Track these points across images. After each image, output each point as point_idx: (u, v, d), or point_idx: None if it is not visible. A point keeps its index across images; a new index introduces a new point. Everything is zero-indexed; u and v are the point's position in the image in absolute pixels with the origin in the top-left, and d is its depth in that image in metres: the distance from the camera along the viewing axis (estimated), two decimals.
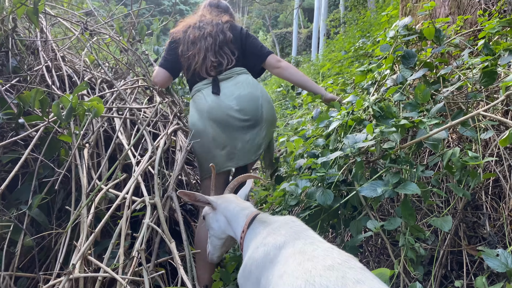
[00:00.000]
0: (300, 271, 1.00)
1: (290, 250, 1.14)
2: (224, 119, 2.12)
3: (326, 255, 1.05)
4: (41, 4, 1.71)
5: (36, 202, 1.54)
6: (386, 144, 1.69)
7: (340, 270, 0.95)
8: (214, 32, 2.24)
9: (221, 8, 2.44)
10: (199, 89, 2.22)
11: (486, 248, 1.32)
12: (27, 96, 1.51)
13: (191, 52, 2.21)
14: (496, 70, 1.61)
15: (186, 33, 2.26)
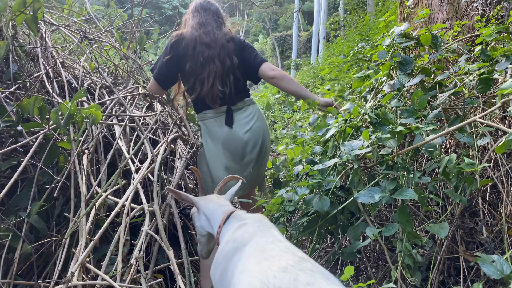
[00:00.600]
0: (258, 270, 1.07)
1: (253, 247, 1.22)
2: (238, 150, 2.21)
3: (281, 256, 1.11)
4: (40, 13, 1.72)
5: (35, 210, 1.55)
6: (383, 150, 1.69)
7: (292, 272, 1.02)
8: (222, 55, 2.19)
9: (214, 12, 2.33)
10: (213, 116, 2.24)
11: (482, 254, 1.32)
12: (26, 104, 1.52)
13: (201, 76, 2.17)
14: (493, 77, 1.61)
15: (195, 49, 2.16)
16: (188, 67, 2.17)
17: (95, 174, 2.10)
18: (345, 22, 13.45)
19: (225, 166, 2.21)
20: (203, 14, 2.28)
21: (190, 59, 2.17)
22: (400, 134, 1.63)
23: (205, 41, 2.18)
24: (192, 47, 2.17)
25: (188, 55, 2.17)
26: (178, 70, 2.22)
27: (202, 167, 2.26)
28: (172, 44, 2.21)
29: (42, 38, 2.39)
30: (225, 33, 2.26)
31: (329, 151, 1.92)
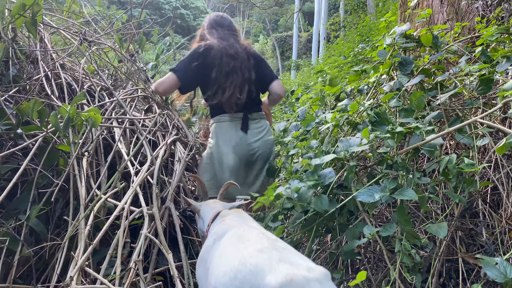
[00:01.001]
0: (235, 253, 1.19)
1: (230, 236, 1.35)
2: (246, 156, 2.34)
3: (256, 240, 1.25)
4: (39, 15, 1.72)
5: (34, 213, 1.55)
6: (381, 148, 1.69)
7: (267, 252, 1.15)
8: (243, 68, 2.34)
9: (228, 26, 2.51)
10: (229, 120, 2.36)
11: (485, 257, 1.31)
12: (25, 107, 1.52)
13: (224, 85, 2.29)
14: (493, 78, 1.61)
15: (222, 60, 2.29)
16: (214, 75, 2.30)
17: (95, 176, 2.10)
18: (345, 23, 13.45)
19: (231, 169, 2.31)
20: (220, 30, 2.45)
21: (217, 68, 2.30)
22: (400, 134, 1.62)
23: (230, 53, 2.33)
24: (219, 57, 2.30)
25: (215, 65, 2.29)
26: (203, 77, 2.34)
27: (204, 175, 2.35)
28: (201, 52, 2.32)
29: (42, 41, 2.38)
30: (245, 47, 2.42)
31: (324, 146, 1.91)
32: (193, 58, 2.31)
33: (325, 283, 1.07)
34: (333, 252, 1.81)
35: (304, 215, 1.66)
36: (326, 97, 2.23)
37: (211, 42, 2.35)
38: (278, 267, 1.07)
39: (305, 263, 1.12)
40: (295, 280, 1.02)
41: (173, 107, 2.59)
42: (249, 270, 1.09)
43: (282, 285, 1.00)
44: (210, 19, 2.52)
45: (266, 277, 1.04)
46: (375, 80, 2.02)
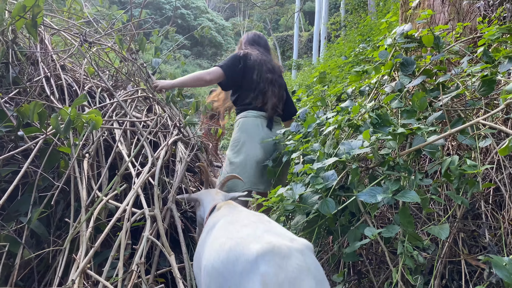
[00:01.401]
0: (224, 232, 1.28)
1: (221, 223, 1.43)
2: (270, 149, 2.56)
3: (244, 218, 1.35)
4: (40, 17, 1.71)
5: (35, 216, 1.54)
6: (383, 150, 1.68)
7: (252, 226, 1.24)
8: (278, 84, 2.70)
9: (264, 45, 2.86)
10: (257, 116, 2.62)
11: (494, 256, 1.30)
12: (26, 109, 1.51)
13: (264, 91, 2.61)
14: (495, 79, 1.60)
15: (262, 67, 2.63)
16: (255, 77, 2.61)
17: (96, 177, 2.10)
18: (346, 22, 13.42)
19: (257, 160, 2.53)
20: (257, 47, 2.78)
21: (257, 72, 2.61)
22: (401, 135, 1.61)
23: (268, 66, 2.68)
24: (258, 63, 2.63)
25: (255, 68, 2.62)
26: (245, 78, 2.63)
27: (234, 159, 2.58)
28: (242, 56, 2.66)
29: (42, 42, 2.38)
30: (278, 66, 2.82)
31: (326, 148, 1.91)
32: (235, 60, 2.63)
33: (306, 254, 1.10)
34: (335, 254, 1.80)
35: (306, 217, 1.66)
36: (326, 98, 2.22)
37: (249, 51, 2.69)
38: (263, 236, 1.14)
39: (289, 234, 1.19)
40: (277, 247, 1.07)
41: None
42: (235, 242, 1.16)
43: (265, 251, 1.06)
44: (249, 38, 2.86)
45: (250, 245, 1.10)
46: (376, 81, 2.02)
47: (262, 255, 1.06)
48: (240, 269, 1.08)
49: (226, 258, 1.13)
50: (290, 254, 1.06)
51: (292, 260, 1.05)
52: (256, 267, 1.05)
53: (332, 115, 1.90)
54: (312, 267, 1.09)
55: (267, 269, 1.03)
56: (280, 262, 1.04)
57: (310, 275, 1.06)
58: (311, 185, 1.60)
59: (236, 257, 1.11)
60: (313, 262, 1.11)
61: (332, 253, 1.79)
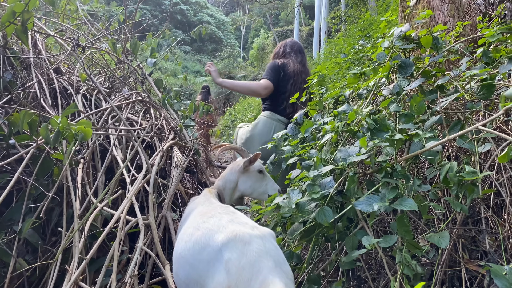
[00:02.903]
0: (193, 222, 1.39)
1: (195, 211, 1.55)
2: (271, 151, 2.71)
3: (211, 209, 1.47)
4: (30, 23, 1.68)
5: (26, 226, 1.52)
6: (381, 157, 1.65)
7: (218, 216, 1.35)
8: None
9: (301, 51, 3.13)
10: (279, 120, 2.89)
11: (494, 265, 1.27)
12: (16, 118, 1.48)
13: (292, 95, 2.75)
14: (495, 83, 1.56)
15: (296, 78, 2.90)
16: (289, 87, 2.87)
17: (92, 182, 2.07)
18: (346, 17, 13.33)
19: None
20: (295, 55, 3.05)
21: (293, 81, 2.89)
22: (399, 141, 1.58)
23: (303, 77, 2.93)
24: (295, 74, 2.90)
25: (292, 77, 2.89)
26: (282, 84, 2.91)
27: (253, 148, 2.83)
28: (280, 65, 2.96)
29: (36, 46, 2.35)
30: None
31: (323, 154, 1.88)
32: (277, 70, 2.92)
33: (266, 239, 1.21)
34: (332, 262, 1.78)
35: (303, 226, 1.63)
36: (324, 100, 2.19)
37: (285, 60, 2.96)
38: (228, 226, 1.25)
39: (251, 223, 1.30)
40: (239, 235, 1.18)
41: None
42: (201, 233, 1.27)
43: (228, 239, 1.17)
44: (292, 43, 3.14)
45: (215, 235, 1.22)
46: (374, 83, 1.98)
47: (225, 244, 1.17)
48: (207, 258, 1.19)
49: (192, 248, 1.26)
50: (251, 240, 1.17)
51: (253, 245, 1.16)
52: (220, 255, 1.16)
53: (329, 120, 1.86)
54: (272, 251, 1.18)
55: (230, 255, 1.14)
56: (242, 248, 1.15)
57: (270, 257, 1.15)
58: (308, 193, 1.57)
59: (202, 247, 1.23)
60: (273, 247, 1.22)
61: (330, 261, 1.77)
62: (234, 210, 1.49)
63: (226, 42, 37.80)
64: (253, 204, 1.89)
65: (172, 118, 2.50)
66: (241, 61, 28.89)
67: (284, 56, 3.04)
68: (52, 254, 1.79)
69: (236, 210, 1.51)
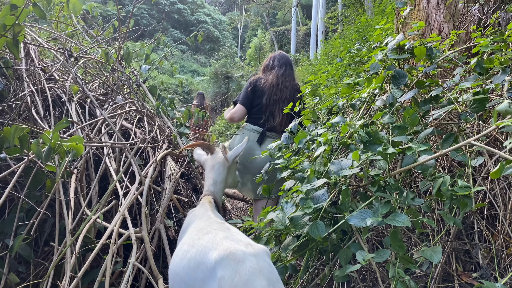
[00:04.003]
0: (189, 238, 1.39)
1: (193, 226, 1.56)
2: (252, 164, 2.88)
3: (207, 225, 1.47)
4: (21, 36, 1.67)
5: (17, 244, 1.51)
6: (373, 170, 1.65)
7: (213, 233, 1.35)
8: (290, 99, 2.95)
9: (290, 64, 3.18)
10: (253, 129, 3.00)
11: (486, 282, 1.27)
12: (6, 133, 1.47)
13: (270, 108, 2.96)
14: (487, 98, 1.56)
15: (269, 89, 2.99)
16: (265, 104, 2.99)
17: (86, 190, 2.06)
18: (343, 18, 13.33)
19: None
20: (284, 69, 3.11)
21: (267, 97, 2.99)
22: (392, 155, 1.58)
23: (283, 89, 3.00)
24: (268, 88, 2.99)
25: (265, 94, 2.99)
26: (254, 100, 3.04)
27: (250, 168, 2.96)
28: (252, 82, 3.08)
29: (29, 54, 2.34)
30: (294, 84, 3.12)
31: (317, 166, 1.87)
32: (245, 89, 3.07)
33: (260, 257, 1.20)
34: (326, 275, 1.78)
35: (297, 240, 1.63)
36: (318, 111, 2.18)
37: (261, 76, 3.10)
38: (222, 243, 1.24)
39: (245, 240, 1.30)
40: (233, 253, 1.18)
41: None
42: (196, 250, 1.27)
43: (222, 257, 1.17)
44: (278, 57, 3.20)
45: (209, 252, 1.22)
46: (368, 95, 1.97)
47: (219, 262, 1.17)
48: (201, 276, 1.20)
49: (187, 266, 1.26)
50: (245, 258, 1.16)
51: (246, 263, 1.15)
52: (214, 273, 1.16)
53: (323, 131, 1.86)
54: (265, 269, 1.18)
55: (223, 274, 1.14)
56: (235, 266, 1.15)
57: (263, 276, 1.15)
58: (301, 208, 1.57)
59: (196, 265, 1.23)
60: (267, 265, 1.21)
61: (324, 274, 1.76)
62: (229, 226, 1.49)
63: (223, 41, 37.74)
64: (247, 219, 1.88)
65: (166, 126, 2.49)
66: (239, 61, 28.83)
67: (270, 69, 3.17)
68: (45, 268, 1.79)
69: (231, 226, 1.51)
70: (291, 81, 3.10)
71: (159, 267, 2.05)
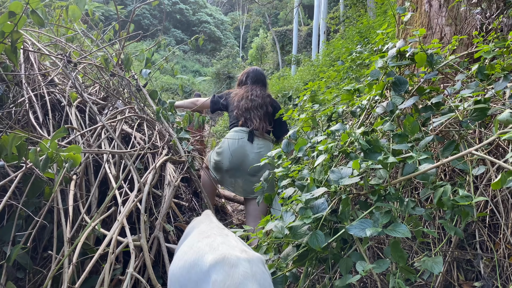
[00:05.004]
0: (190, 241, 1.43)
1: (196, 230, 1.59)
2: (245, 163, 3.05)
3: (208, 229, 1.51)
4: (20, 43, 1.66)
5: (14, 254, 1.50)
6: (374, 180, 1.63)
7: (211, 237, 1.37)
8: (262, 105, 3.20)
9: (262, 81, 3.42)
10: (239, 130, 3.16)
11: None
12: (4, 142, 1.46)
13: (249, 116, 3.16)
14: (488, 107, 1.55)
15: (240, 102, 3.20)
16: (237, 109, 3.22)
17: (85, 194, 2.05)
18: (345, 18, 13.30)
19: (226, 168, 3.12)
20: (255, 85, 3.34)
21: (235, 105, 3.24)
22: (392, 164, 1.56)
23: (254, 98, 3.23)
24: (238, 99, 3.24)
25: (232, 105, 3.26)
26: (227, 109, 3.38)
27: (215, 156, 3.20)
28: (223, 94, 3.45)
29: (28, 59, 2.33)
30: (267, 95, 3.34)
31: (317, 174, 1.86)
32: (221, 97, 3.40)
33: (254, 263, 1.23)
34: (326, 286, 1.76)
35: (297, 249, 1.62)
36: (318, 117, 2.17)
37: (236, 90, 3.35)
38: (218, 248, 1.27)
39: (241, 246, 1.32)
40: (227, 258, 1.20)
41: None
42: (193, 252, 1.30)
43: (216, 261, 1.20)
44: (250, 75, 3.43)
45: (205, 255, 1.25)
46: (367, 102, 1.96)
47: (213, 265, 1.19)
48: (195, 278, 1.23)
49: (183, 267, 1.29)
50: (238, 263, 1.19)
51: (239, 268, 1.18)
52: (208, 276, 1.19)
53: (322, 139, 1.85)
54: (258, 275, 1.20)
55: (216, 277, 1.16)
56: (228, 270, 1.17)
57: (255, 281, 1.17)
58: (300, 217, 1.56)
59: (192, 267, 1.26)
60: (260, 271, 1.23)
61: (323, 284, 1.75)
62: (229, 232, 1.51)
63: (225, 41, 37.73)
64: (245, 226, 1.87)
65: (166, 131, 2.48)
66: (240, 61, 28.83)
67: (243, 85, 3.43)
68: (44, 275, 1.78)
69: (231, 232, 1.53)
70: (262, 92, 3.30)
71: (159, 272, 2.04)
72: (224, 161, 3.10)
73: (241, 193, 3.23)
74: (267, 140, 3.23)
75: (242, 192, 3.20)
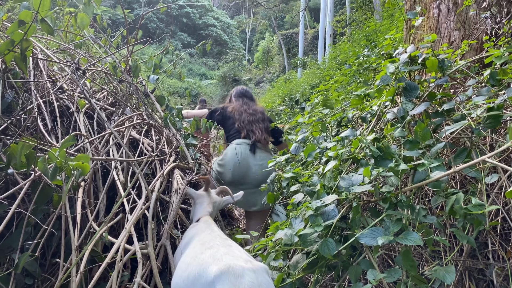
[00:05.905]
0: (192, 251, 1.44)
1: (197, 238, 1.61)
2: (247, 175, 3.09)
3: (211, 240, 1.51)
4: (29, 51, 1.66)
5: (22, 262, 1.50)
6: (385, 187, 1.61)
7: (214, 248, 1.38)
8: (262, 118, 3.32)
9: (250, 96, 3.54)
10: (241, 142, 3.17)
11: None
12: (13, 150, 1.47)
13: (251, 128, 3.22)
14: (502, 114, 1.52)
15: (241, 115, 3.28)
16: (239, 127, 3.26)
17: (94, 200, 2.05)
18: (351, 21, 13.28)
19: (228, 180, 3.12)
20: (244, 98, 3.46)
21: (233, 118, 3.30)
22: (403, 171, 1.54)
23: (248, 112, 3.32)
24: (237, 112, 3.30)
25: (231, 117, 3.31)
26: (224, 124, 3.39)
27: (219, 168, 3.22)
28: (220, 108, 3.44)
29: (37, 66, 2.34)
30: (261, 109, 3.44)
31: (327, 181, 1.84)
32: (216, 111, 3.41)
33: (259, 273, 1.24)
34: None
35: (306, 257, 1.60)
36: (327, 123, 2.15)
37: (232, 104, 3.40)
38: (222, 259, 1.28)
39: (245, 257, 1.34)
40: (232, 268, 1.21)
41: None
42: (197, 263, 1.31)
43: (221, 272, 1.20)
44: (237, 91, 3.56)
45: (209, 267, 1.25)
46: (378, 108, 1.94)
47: (218, 276, 1.20)
48: None
49: (187, 279, 1.30)
50: (243, 273, 1.20)
51: (245, 278, 1.19)
52: (213, 287, 1.19)
53: (332, 145, 1.83)
54: (263, 285, 1.22)
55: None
56: (234, 280, 1.18)
57: None
58: (310, 225, 1.54)
59: (196, 278, 1.26)
60: (265, 281, 1.25)
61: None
62: (231, 243, 1.51)
63: (231, 45, 37.83)
64: (254, 233, 1.86)
65: (174, 137, 2.48)
66: (246, 64, 28.89)
67: (231, 101, 3.55)
68: (52, 283, 1.78)
69: (233, 242, 1.54)
70: (259, 108, 3.44)
71: (166, 278, 2.03)
72: (227, 173, 3.10)
73: (243, 206, 3.21)
74: (268, 152, 3.29)
75: (244, 205, 3.17)
